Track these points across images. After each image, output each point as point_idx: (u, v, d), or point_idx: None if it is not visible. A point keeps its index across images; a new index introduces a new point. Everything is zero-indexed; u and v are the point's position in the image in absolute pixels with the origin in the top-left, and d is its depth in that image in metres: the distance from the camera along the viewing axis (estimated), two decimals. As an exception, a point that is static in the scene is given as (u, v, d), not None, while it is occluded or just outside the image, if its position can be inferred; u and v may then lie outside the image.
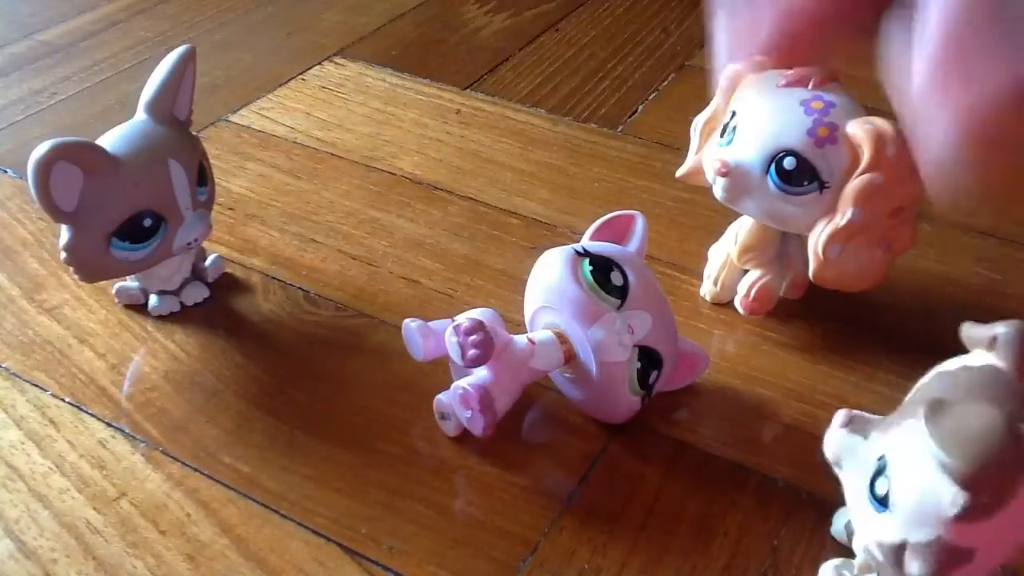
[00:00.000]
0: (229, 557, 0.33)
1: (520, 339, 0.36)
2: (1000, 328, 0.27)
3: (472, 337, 0.33)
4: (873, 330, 0.42)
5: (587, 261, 0.35)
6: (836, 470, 0.29)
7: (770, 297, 0.42)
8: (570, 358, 0.36)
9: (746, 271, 0.42)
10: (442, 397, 0.36)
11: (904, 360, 0.29)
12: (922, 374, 0.28)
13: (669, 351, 0.36)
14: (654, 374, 0.35)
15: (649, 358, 0.35)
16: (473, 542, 0.33)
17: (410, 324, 0.36)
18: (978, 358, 0.28)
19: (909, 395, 0.28)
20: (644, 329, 0.34)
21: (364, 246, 0.47)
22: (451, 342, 0.34)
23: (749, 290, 0.42)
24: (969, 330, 0.28)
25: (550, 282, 0.35)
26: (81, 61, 0.64)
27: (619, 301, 0.34)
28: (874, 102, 0.35)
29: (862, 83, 0.35)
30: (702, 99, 0.41)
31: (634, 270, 0.35)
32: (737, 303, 0.42)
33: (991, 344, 0.27)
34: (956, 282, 0.45)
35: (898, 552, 0.26)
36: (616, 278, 0.35)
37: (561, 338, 0.36)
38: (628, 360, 0.34)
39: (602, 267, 0.35)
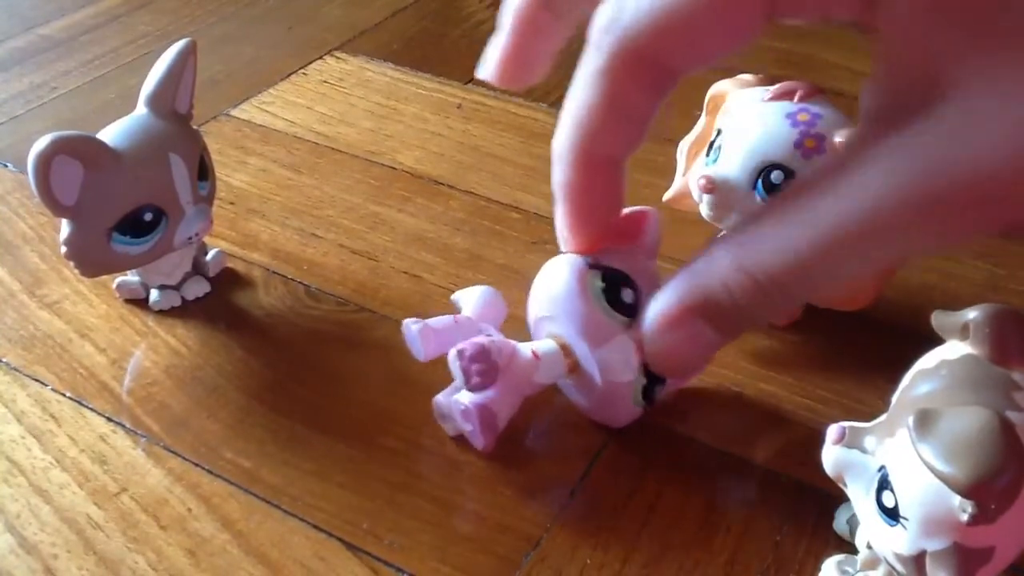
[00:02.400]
0: (230, 552, 0.33)
1: (524, 352, 0.35)
2: (971, 313, 0.26)
3: (476, 365, 0.33)
4: (875, 325, 0.42)
5: (599, 276, 0.33)
6: (840, 485, 0.28)
7: None
8: (573, 369, 0.35)
9: None
10: (440, 398, 0.36)
11: (907, 355, 0.29)
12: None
13: None
14: (658, 388, 0.35)
15: (654, 374, 0.34)
16: (475, 537, 0.33)
17: (411, 326, 0.35)
18: (954, 349, 0.27)
19: (895, 396, 0.28)
20: None
21: (365, 241, 0.47)
22: (454, 365, 0.33)
23: None
24: (941, 318, 0.27)
25: (557, 293, 0.34)
26: (82, 55, 0.63)
27: (628, 319, 0.33)
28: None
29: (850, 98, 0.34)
30: (704, 94, 0.41)
31: (646, 284, 0.34)
32: None
33: (964, 332, 0.26)
34: (959, 277, 0.45)
35: (918, 562, 0.26)
36: (627, 295, 0.33)
37: (565, 350, 0.35)
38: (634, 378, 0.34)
39: (614, 284, 0.33)
